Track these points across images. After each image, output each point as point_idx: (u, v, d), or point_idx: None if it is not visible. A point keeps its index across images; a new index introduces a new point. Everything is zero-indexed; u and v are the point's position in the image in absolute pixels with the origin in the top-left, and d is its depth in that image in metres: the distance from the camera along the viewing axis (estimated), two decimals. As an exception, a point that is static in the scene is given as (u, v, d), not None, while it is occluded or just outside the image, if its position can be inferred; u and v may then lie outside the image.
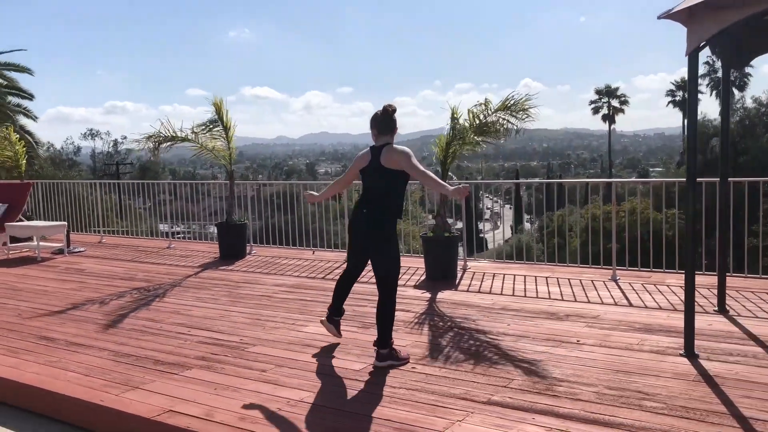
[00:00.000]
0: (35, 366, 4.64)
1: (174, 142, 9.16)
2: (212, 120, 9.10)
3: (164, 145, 9.16)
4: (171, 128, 9.07)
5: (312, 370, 4.41)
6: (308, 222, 10.21)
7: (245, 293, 6.86)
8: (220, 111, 9.09)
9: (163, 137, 9.07)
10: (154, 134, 9.05)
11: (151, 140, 9.10)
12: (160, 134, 9.06)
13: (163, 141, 9.07)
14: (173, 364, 4.59)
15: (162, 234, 13.96)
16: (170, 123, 9.05)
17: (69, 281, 7.79)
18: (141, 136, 9.11)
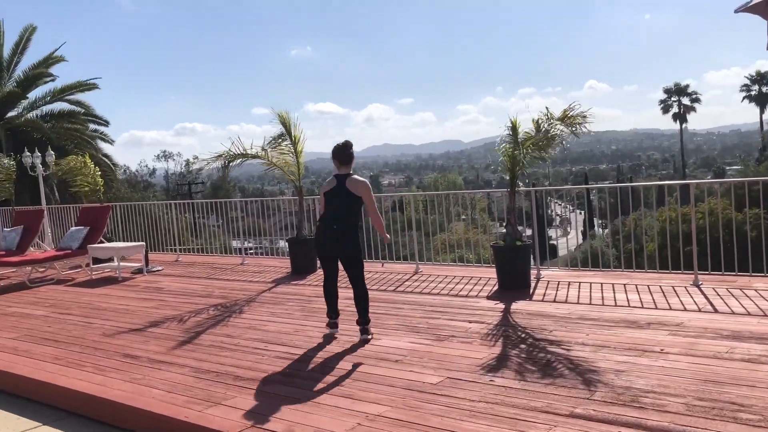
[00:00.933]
0: (121, 383, 4.80)
1: (245, 159, 9.38)
2: (280, 135, 9.25)
3: (234, 162, 9.38)
4: (241, 146, 9.29)
5: (388, 383, 4.40)
6: (375, 234, 10.22)
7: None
8: (288, 125, 9.23)
9: (233, 155, 9.29)
10: (224, 153, 9.29)
11: (221, 159, 9.34)
12: (230, 152, 9.30)
13: (233, 159, 9.29)
14: (252, 380, 4.67)
15: (234, 250, 14.30)
16: (240, 141, 9.28)
17: (149, 300, 8.04)
18: (211, 155, 9.37)
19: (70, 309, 7.81)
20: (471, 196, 19.18)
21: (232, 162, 9.36)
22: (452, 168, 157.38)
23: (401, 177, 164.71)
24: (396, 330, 5.76)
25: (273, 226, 14.80)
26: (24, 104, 24.21)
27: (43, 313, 7.67)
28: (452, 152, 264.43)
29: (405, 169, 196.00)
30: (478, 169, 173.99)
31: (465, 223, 27.80)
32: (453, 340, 5.34)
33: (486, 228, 17.35)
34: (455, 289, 7.36)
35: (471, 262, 9.61)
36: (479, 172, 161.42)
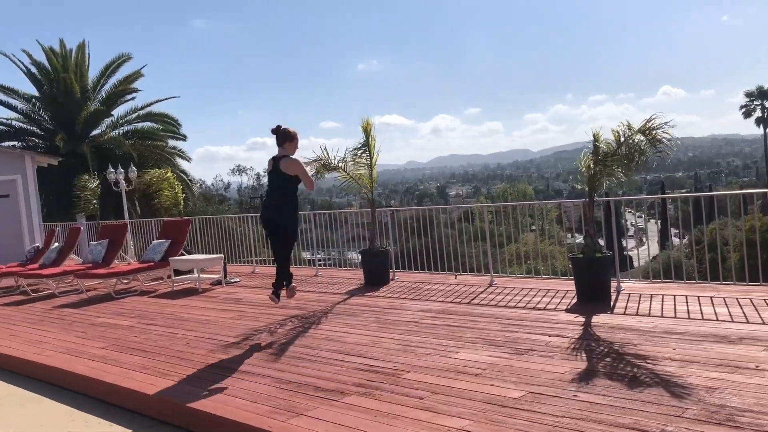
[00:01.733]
0: (205, 392, 4.93)
1: (330, 170, 9.56)
2: (362, 144, 9.37)
3: (321, 172, 9.57)
4: (327, 156, 9.47)
5: (469, 397, 4.36)
6: (445, 245, 10.21)
7: (393, 319, 6.94)
8: (369, 133, 9.34)
9: (323, 164, 9.49)
10: (317, 159, 9.48)
11: (313, 165, 9.54)
12: (320, 159, 9.49)
13: (323, 167, 9.48)
14: (333, 391, 4.71)
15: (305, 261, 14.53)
16: (326, 151, 9.46)
17: (228, 311, 8.25)
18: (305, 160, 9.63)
19: (155, 319, 8.09)
20: (542, 206, 18.89)
21: (321, 171, 9.55)
22: (521, 178, 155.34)
23: (469, 187, 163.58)
24: (473, 343, 5.71)
25: (341, 238, 14.95)
26: (107, 122, 25.37)
27: (129, 323, 7.98)
28: (521, 162, 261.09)
29: (472, 180, 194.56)
30: (548, 178, 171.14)
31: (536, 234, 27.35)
32: (533, 353, 5.25)
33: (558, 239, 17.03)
34: (532, 302, 7.24)
35: (544, 274, 9.43)
36: (549, 182, 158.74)
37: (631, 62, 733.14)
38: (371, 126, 9.41)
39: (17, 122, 25.00)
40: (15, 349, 7.09)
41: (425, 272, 9.93)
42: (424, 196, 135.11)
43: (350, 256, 17.28)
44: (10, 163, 16.62)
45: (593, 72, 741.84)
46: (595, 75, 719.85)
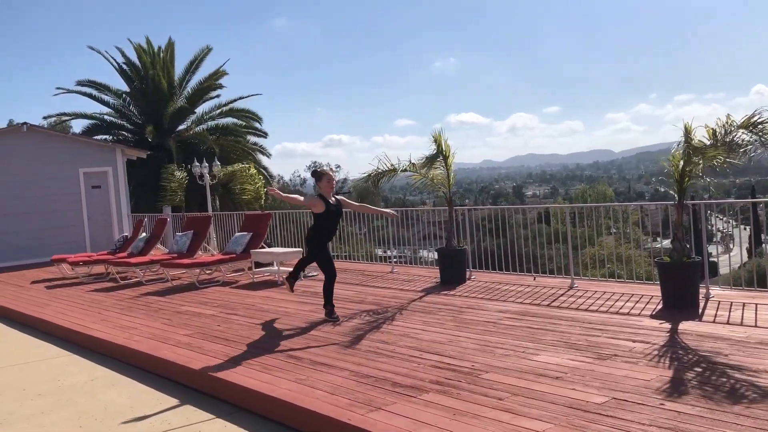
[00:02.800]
0: (287, 383, 5.03)
1: (393, 174, 9.60)
2: (433, 156, 9.38)
3: (384, 179, 9.63)
4: (389, 162, 9.52)
5: (550, 400, 4.27)
6: (524, 246, 10.06)
7: (470, 318, 6.89)
8: (440, 144, 9.34)
9: (382, 172, 9.55)
10: (372, 172, 9.58)
11: (371, 179, 9.65)
12: (378, 170, 9.57)
13: (382, 176, 9.55)
14: (410, 387, 4.72)
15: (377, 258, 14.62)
16: (387, 158, 9.51)
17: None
18: (361, 174, 9.79)
19: (236, 310, 8.32)
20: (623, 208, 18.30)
21: (382, 179, 9.62)
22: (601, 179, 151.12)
23: (546, 188, 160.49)
24: (554, 346, 5.59)
25: (414, 236, 14.98)
26: (192, 118, 26.26)
27: (212, 312, 8.24)
28: (602, 162, 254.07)
29: (550, 180, 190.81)
30: (630, 180, 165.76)
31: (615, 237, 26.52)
32: (616, 359, 5.10)
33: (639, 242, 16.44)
34: (615, 306, 7.04)
35: (623, 278, 9.14)
36: (631, 184, 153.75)
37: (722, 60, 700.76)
38: (441, 140, 9.39)
39: (109, 117, 26.22)
40: (106, 333, 7.44)
41: (502, 273, 9.81)
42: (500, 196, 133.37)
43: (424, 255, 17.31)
44: (103, 156, 17.47)
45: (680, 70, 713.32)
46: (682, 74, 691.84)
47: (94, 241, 16.99)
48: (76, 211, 16.90)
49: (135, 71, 25.68)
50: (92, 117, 25.86)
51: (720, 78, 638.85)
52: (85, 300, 10.07)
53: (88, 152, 17.33)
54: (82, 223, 16.98)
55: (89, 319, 8.39)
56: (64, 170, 16.73)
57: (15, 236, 15.91)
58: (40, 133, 17.12)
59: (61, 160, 16.70)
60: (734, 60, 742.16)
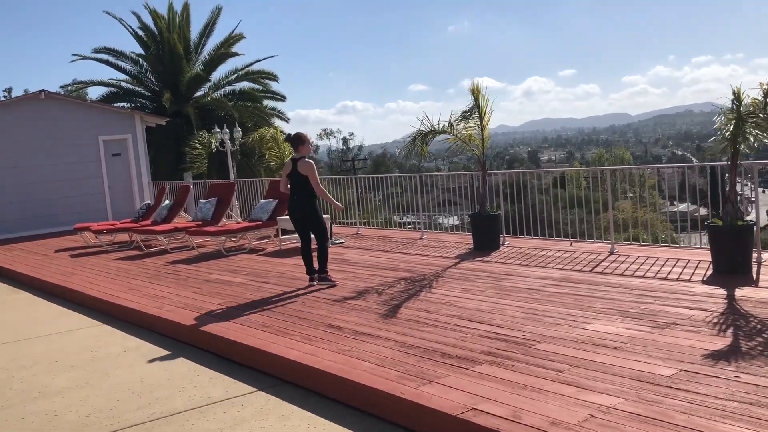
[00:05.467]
0: (330, 354, 4.82)
1: (434, 135, 9.29)
2: (469, 109, 9.02)
3: (428, 139, 9.32)
4: (430, 123, 9.20)
5: (614, 372, 4.03)
6: (549, 210, 9.77)
7: (511, 285, 6.64)
8: (478, 97, 8.96)
9: (426, 132, 9.23)
10: (417, 133, 9.26)
11: (418, 140, 9.34)
12: (421, 132, 9.25)
13: (427, 135, 9.24)
14: (461, 358, 4.50)
15: (395, 224, 14.39)
16: (428, 118, 9.18)
17: (338, 271, 8.17)
18: (404, 137, 9.46)
19: (267, 278, 8.13)
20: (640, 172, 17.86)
21: (427, 138, 9.31)
22: (618, 142, 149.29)
23: (562, 152, 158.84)
24: (605, 314, 5.34)
25: (430, 202, 14.74)
26: (210, 84, 25.95)
27: (242, 281, 8.05)
28: (618, 126, 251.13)
29: (566, 144, 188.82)
30: (647, 143, 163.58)
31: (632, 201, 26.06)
32: (676, 327, 4.84)
33: (656, 206, 16.05)
34: (662, 272, 6.75)
35: (646, 241, 8.86)
36: (647, 147, 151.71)
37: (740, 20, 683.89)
38: (479, 91, 9.01)
39: (126, 84, 25.95)
40: (136, 302, 7.29)
41: (537, 238, 9.52)
42: (515, 161, 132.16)
43: (441, 221, 17.06)
44: (122, 123, 17.25)
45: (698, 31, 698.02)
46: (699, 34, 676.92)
47: (115, 209, 16.87)
48: (96, 179, 16.75)
49: (151, 36, 25.32)
50: (109, 84, 25.63)
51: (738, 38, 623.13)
52: (111, 269, 9.93)
53: (107, 120, 17.11)
54: (103, 191, 16.85)
55: (117, 288, 8.24)
56: (84, 138, 16.55)
57: (36, 205, 15.81)
58: (59, 100, 16.89)
59: (80, 127, 16.50)
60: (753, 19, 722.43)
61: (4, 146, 15.55)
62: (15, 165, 15.64)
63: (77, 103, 18.02)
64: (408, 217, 17.41)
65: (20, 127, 15.78)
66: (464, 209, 16.87)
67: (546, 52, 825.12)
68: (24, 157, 15.76)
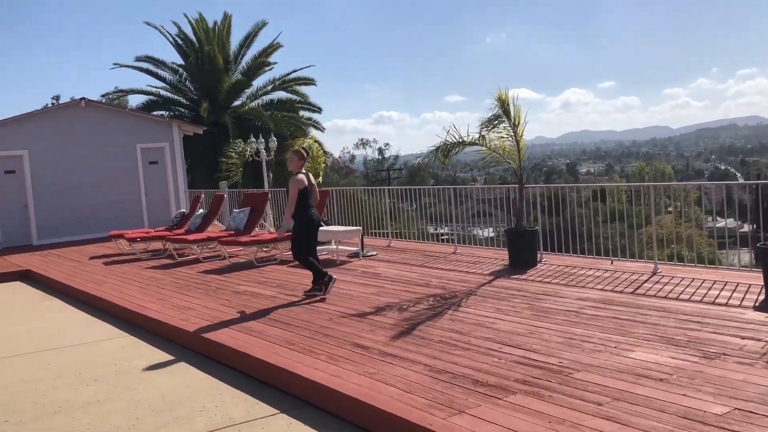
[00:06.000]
0: (356, 377, 4.62)
1: (462, 147, 9.06)
2: (496, 116, 8.74)
3: (453, 151, 9.11)
4: (457, 134, 8.99)
5: (659, 408, 3.73)
6: (588, 226, 9.43)
7: (548, 307, 6.35)
8: (506, 104, 8.68)
9: (452, 144, 9.02)
10: (441, 145, 9.06)
11: (440, 151, 9.14)
12: (447, 143, 9.04)
13: (452, 148, 9.02)
14: (494, 387, 4.24)
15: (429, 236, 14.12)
16: (455, 129, 8.97)
17: (368, 285, 7.98)
18: (431, 147, 9.26)
19: (296, 291, 7.97)
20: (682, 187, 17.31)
21: (451, 152, 9.10)
22: (659, 156, 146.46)
23: (601, 165, 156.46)
24: (649, 341, 5.02)
25: (464, 213, 14.48)
26: (247, 93, 26.10)
27: (271, 293, 7.91)
28: (659, 139, 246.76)
29: (605, 157, 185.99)
30: (688, 157, 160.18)
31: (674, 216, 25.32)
32: (726, 359, 4.51)
33: (696, 222, 15.51)
34: (708, 296, 6.39)
35: (688, 261, 8.46)
36: (689, 161, 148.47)
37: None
38: (508, 100, 8.73)
39: (165, 92, 26.27)
40: (163, 314, 7.18)
41: (576, 255, 9.19)
42: (553, 173, 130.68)
43: (475, 233, 16.76)
44: (160, 132, 17.38)
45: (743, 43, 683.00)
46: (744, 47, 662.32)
47: (151, 216, 16.97)
48: (133, 187, 16.88)
49: (190, 46, 25.59)
50: (149, 93, 25.96)
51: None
52: (143, 277, 9.90)
53: (146, 128, 17.26)
54: (140, 198, 16.97)
55: (146, 298, 8.17)
56: (122, 146, 16.71)
57: (74, 211, 15.99)
58: (98, 108, 17.10)
59: (118, 135, 16.66)
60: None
61: (46, 153, 15.77)
62: (56, 171, 15.85)
63: (116, 111, 18.24)
64: (442, 228, 17.16)
65: (61, 134, 16.00)
66: (499, 221, 16.56)
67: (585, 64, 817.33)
68: (63, 164, 15.97)
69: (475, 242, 11.95)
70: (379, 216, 13.04)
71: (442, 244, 11.98)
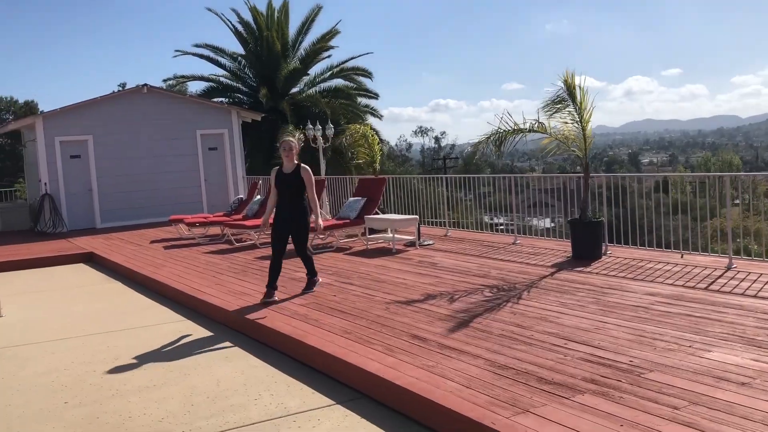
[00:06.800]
0: (413, 369, 4.46)
1: (519, 134, 8.73)
2: (560, 98, 8.38)
3: (509, 139, 8.80)
4: (512, 121, 8.68)
5: (742, 414, 3.45)
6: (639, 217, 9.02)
7: (615, 302, 6.05)
8: (572, 88, 8.30)
9: (505, 132, 8.72)
10: (494, 133, 8.77)
11: (491, 140, 8.85)
12: (500, 130, 8.75)
13: (505, 136, 8.73)
14: (560, 385, 4.02)
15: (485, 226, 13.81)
16: (509, 116, 8.66)
17: (425, 275, 7.81)
18: (481, 136, 8.98)
19: (351, 278, 7.87)
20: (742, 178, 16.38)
21: (507, 139, 8.79)
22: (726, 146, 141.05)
23: (665, 155, 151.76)
24: (727, 341, 4.70)
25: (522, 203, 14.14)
26: (305, 80, 26.15)
27: (326, 280, 7.82)
28: (726, 129, 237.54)
29: (669, 147, 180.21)
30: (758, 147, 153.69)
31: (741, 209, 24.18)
32: (814, 363, 4.17)
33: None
34: (790, 294, 5.98)
35: (758, 255, 7.96)
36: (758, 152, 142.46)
37: None
38: (574, 82, 8.34)
39: (225, 79, 26.55)
40: (220, 299, 7.19)
41: (643, 248, 8.80)
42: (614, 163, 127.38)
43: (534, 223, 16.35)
44: (219, 118, 17.56)
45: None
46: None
47: (210, 202, 17.19)
48: (193, 172, 17.13)
49: (250, 33, 25.77)
50: (209, 79, 26.30)
51: None
52: (201, 262, 9.98)
53: (205, 114, 17.46)
54: (200, 184, 17.21)
55: (204, 282, 8.20)
56: (182, 131, 16.95)
57: (135, 196, 16.33)
58: (160, 94, 17.38)
59: (179, 121, 16.91)
60: None
61: (110, 138, 16.15)
62: (119, 156, 16.21)
63: (177, 97, 18.51)
64: (499, 218, 16.80)
65: (125, 120, 16.34)
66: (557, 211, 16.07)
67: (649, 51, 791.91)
68: (127, 149, 16.32)
69: (534, 233, 11.62)
70: (435, 205, 12.81)
71: (501, 234, 11.70)
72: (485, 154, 9.54)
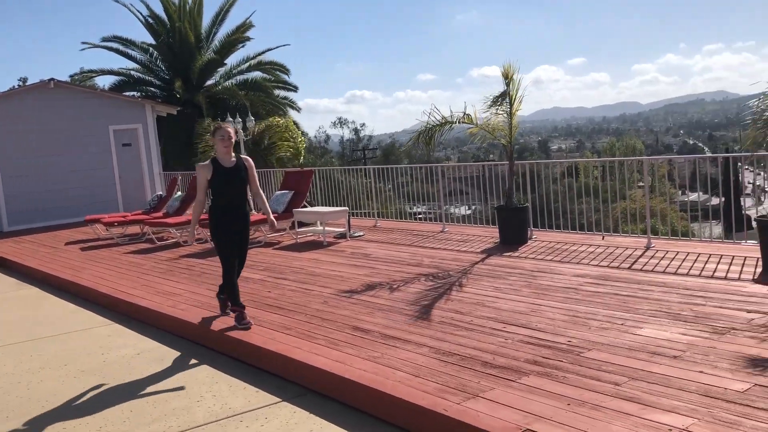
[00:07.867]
0: (360, 362, 4.45)
1: (447, 128, 8.84)
2: (501, 94, 8.58)
3: (437, 134, 8.90)
4: (440, 115, 8.79)
5: (678, 386, 3.64)
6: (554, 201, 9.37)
7: (546, 284, 6.24)
8: (511, 81, 8.52)
9: (434, 126, 8.82)
10: (422, 129, 8.86)
11: (422, 136, 8.92)
12: (428, 125, 8.84)
13: (435, 131, 8.82)
14: (505, 368, 4.11)
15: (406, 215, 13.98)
16: (437, 109, 8.76)
17: (360, 267, 7.81)
18: (413, 126, 9.06)
19: (285, 273, 7.77)
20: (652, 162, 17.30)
21: (435, 135, 8.89)
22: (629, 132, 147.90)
23: (572, 141, 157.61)
24: (655, 317, 4.94)
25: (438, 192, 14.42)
26: (221, 72, 25.54)
27: (260, 277, 7.70)
28: (629, 115, 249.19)
29: (576, 134, 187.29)
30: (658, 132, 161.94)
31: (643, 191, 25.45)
32: (736, 333, 4.43)
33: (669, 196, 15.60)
34: (707, 269, 6.33)
35: (664, 234, 8.45)
36: (658, 136, 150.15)
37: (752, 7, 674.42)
38: (512, 74, 8.57)
39: (136, 72, 25.57)
40: (149, 300, 6.95)
41: (565, 232, 9.12)
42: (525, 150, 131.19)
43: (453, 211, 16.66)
44: (132, 113, 16.89)
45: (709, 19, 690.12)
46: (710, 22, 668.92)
47: (126, 200, 16.56)
48: (107, 170, 16.43)
49: (161, 24, 24.91)
50: (119, 73, 25.25)
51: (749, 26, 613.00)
52: (123, 263, 9.60)
53: (117, 109, 16.75)
54: (114, 182, 16.53)
55: (129, 284, 7.90)
56: (94, 128, 16.21)
57: (46, 196, 15.51)
58: (68, 89, 16.55)
59: (90, 117, 16.16)
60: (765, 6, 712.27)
61: (13, 137, 15.24)
62: (26, 156, 15.33)
63: (87, 92, 17.68)
64: (418, 207, 17.00)
65: (30, 117, 15.45)
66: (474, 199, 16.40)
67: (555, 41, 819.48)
68: (33, 147, 15.45)
69: (455, 220, 11.81)
70: (359, 196, 12.83)
71: (429, 222, 11.83)
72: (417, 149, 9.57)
